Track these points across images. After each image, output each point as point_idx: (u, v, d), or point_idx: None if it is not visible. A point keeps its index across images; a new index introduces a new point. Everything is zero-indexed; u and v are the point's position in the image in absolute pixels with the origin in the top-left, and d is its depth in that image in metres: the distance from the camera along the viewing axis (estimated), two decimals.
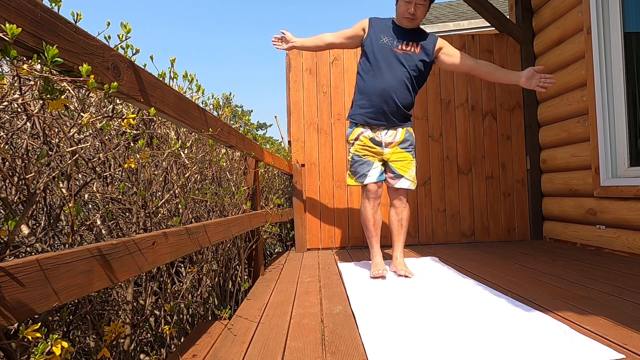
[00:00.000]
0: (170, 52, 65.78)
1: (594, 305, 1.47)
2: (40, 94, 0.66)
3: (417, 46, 2.13)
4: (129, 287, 1.30)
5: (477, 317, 1.36)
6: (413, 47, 2.12)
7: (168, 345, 1.55)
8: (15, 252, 1.04)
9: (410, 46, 2.12)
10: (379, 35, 2.13)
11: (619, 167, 2.55)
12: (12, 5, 0.59)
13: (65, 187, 1.14)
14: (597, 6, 2.58)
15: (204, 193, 1.79)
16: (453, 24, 7.24)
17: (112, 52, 0.83)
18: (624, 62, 2.52)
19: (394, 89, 2.07)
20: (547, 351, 1.07)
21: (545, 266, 2.22)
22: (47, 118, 1.07)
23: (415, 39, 2.14)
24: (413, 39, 2.13)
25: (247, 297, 1.87)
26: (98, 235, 1.38)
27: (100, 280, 0.78)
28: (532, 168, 3.35)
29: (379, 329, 1.30)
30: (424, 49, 2.12)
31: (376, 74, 2.10)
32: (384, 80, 2.08)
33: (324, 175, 3.35)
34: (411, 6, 2.01)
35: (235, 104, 4.50)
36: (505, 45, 3.42)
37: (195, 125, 1.32)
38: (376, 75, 2.10)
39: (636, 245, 2.39)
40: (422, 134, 3.38)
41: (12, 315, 0.57)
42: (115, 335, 1.04)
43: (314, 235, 3.32)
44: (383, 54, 2.10)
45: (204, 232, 1.35)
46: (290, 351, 1.18)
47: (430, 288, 1.78)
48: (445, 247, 3.10)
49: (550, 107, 3.17)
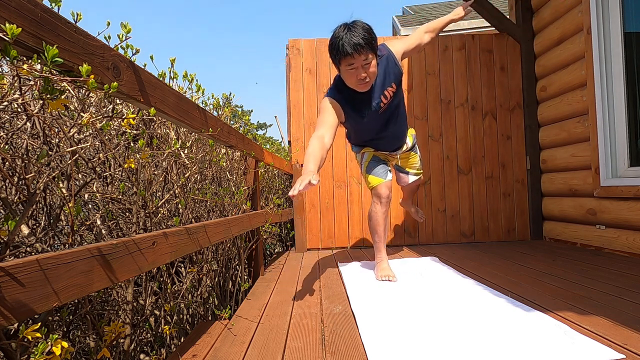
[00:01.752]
0: (169, 49, 65.78)
1: (594, 305, 1.47)
2: (40, 94, 0.66)
3: (390, 85, 1.89)
4: (129, 287, 1.30)
5: (477, 317, 1.36)
6: (388, 92, 1.90)
7: (168, 345, 1.55)
8: (15, 252, 1.04)
9: (387, 93, 1.90)
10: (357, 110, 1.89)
11: (619, 167, 2.55)
12: (12, 5, 0.59)
13: (65, 187, 1.14)
14: (597, 6, 2.58)
15: (204, 193, 1.79)
16: (453, 24, 7.23)
17: (112, 52, 0.83)
18: (624, 62, 2.52)
19: (393, 134, 2.09)
20: (547, 351, 1.07)
21: (545, 266, 2.22)
22: (47, 118, 1.07)
23: (382, 83, 1.87)
24: (383, 86, 1.88)
25: (247, 297, 1.87)
26: (98, 235, 1.38)
27: (100, 280, 0.78)
28: (532, 168, 3.35)
29: (379, 329, 1.30)
30: (394, 76, 1.90)
31: (371, 134, 2.06)
32: (381, 135, 2.07)
33: (324, 175, 3.35)
34: (359, 71, 1.70)
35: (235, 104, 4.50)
36: (505, 45, 3.42)
37: (195, 125, 1.32)
38: (371, 135, 2.07)
39: (636, 245, 2.39)
40: (422, 134, 3.38)
41: (12, 315, 0.57)
42: (115, 335, 1.04)
43: (314, 235, 3.32)
44: (371, 122, 1.96)
45: (204, 232, 1.36)
46: (290, 351, 1.18)
47: (430, 288, 1.78)
48: (445, 247, 3.10)
49: (550, 107, 3.17)
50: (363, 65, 1.69)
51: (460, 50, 3.41)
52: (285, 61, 3.43)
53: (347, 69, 1.72)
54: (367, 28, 1.68)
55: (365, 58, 1.68)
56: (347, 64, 1.69)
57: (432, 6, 10.15)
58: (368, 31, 1.68)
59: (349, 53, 1.64)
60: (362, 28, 1.67)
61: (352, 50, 1.64)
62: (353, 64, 1.69)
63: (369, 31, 1.68)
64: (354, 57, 1.66)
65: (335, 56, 1.71)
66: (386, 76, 1.87)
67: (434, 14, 8.60)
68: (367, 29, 1.68)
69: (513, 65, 3.42)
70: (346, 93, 1.85)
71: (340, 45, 1.66)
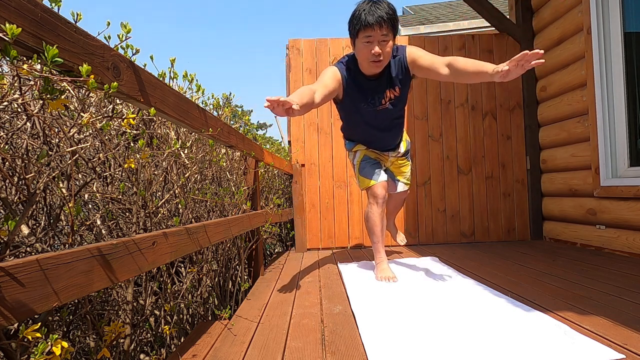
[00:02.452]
0: (169, 48, 65.73)
1: (594, 305, 1.47)
2: (40, 94, 0.66)
3: (394, 88, 1.87)
4: (129, 287, 1.30)
5: (477, 317, 1.36)
6: (392, 93, 1.88)
7: (168, 345, 1.55)
8: (15, 252, 1.04)
9: (389, 93, 1.88)
10: (356, 97, 1.89)
11: (619, 167, 2.55)
12: (12, 5, 0.59)
13: (65, 187, 1.14)
14: (597, 6, 2.58)
15: (204, 193, 1.79)
16: (453, 24, 7.24)
17: (112, 52, 0.83)
18: (624, 62, 2.52)
19: (386, 136, 2.08)
20: (547, 351, 1.07)
21: (545, 266, 2.22)
22: (47, 118, 1.07)
23: (389, 81, 1.85)
24: (388, 84, 1.86)
25: (247, 297, 1.87)
26: (98, 235, 1.38)
27: (100, 280, 0.78)
28: (532, 168, 3.35)
29: (379, 329, 1.30)
30: (401, 80, 1.87)
31: (364, 129, 2.04)
32: (374, 134, 2.05)
33: (324, 175, 3.35)
34: (374, 45, 1.69)
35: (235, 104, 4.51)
36: (505, 45, 3.42)
37: (195, 125, 1.32)
38: (364, 129, 2.05)
39: (636, 245, 2.39)
40: (422, 134, 3.38)
41: (12, 315, 0.57)
42: (115, 335, 1.04)
43: (314, 235, 3.32)
44: (366, 116, 1.95)
45: (204, 232, 1.36)
46: (290, 351, 1.18)
47: (430, 288, 1.78)
48: (445, 247, 3.10)
49: (550, 107, 3.17)
50: (380, 40, 1.68)
51: (460, 50, 3.41)
52: (285, 61, 3.43)
53: (363, 42, 1.70)
54: (392, 7, 1.70)
55: (385, 34, 1.67)
56: (365, 35, 1.69)
57: (432, 6, 10.15)
58: (392, 10, 1.70)
59: (370, 24, 1.65)
60: (387, 5, 1.70)
61: (374, 21, 1.64)
62: (371, 37, 1.68)
63: (394, 10, 1.71)
64: (374, 29, 1.66)
65: (355, 26, 1.71)
66: (394, 78, 1.86)
67: (434, 14, 8.59)
68: (392, 7, 1.70)
69: None
70: (353, 75, 1.84)
71: (362, 15, 1.67)
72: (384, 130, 2.05)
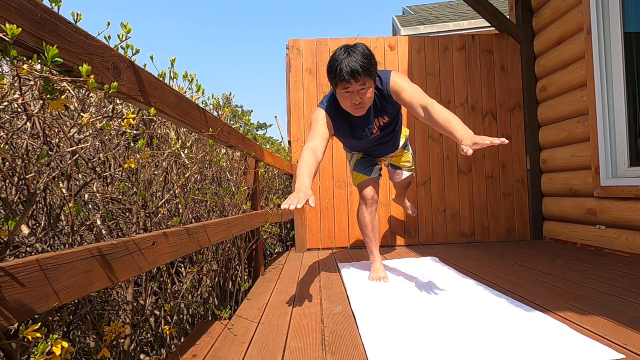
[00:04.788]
0: (168, 47, 65.75)
1: (594, 305, 1.47)
2: (40, 94, 0.66)
3: (383, 116, 1.89)
4: (129, 287, 1.30)
5: (477, 317, 1.36)
6: (381, 120, 1.90)
7: (168, 345, 1.55)
8: (15, 252, 1.04)
9: (378, 122, 1.90)
10: (347, 131, 1.91)
11: (619, 167, 2.55)
12: (12, 5, 0.59)
13: (65, 187, 1.14)
14: (597, 6, 2.58)
15: (204, 193, 1.79)
16: (453, 24, 7.24)
17: (112, 52, 0.83)
18: (624, 62, 2.51)
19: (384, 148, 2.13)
20: (548, 351, 1.07)
21: (545, 266, 2.22)
22: (47, 118, 1.07)
23: (376, 112, 1.87)
24: (376, 114, 1.87)
25: (247, 297, 1.87)
26: (98, 235, 1.38)
27: (100, 280, 0.78)
28: (532, 168, 3.35)
29: (379, 329, 1.30)
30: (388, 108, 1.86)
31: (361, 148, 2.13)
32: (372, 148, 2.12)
33: (324, 175, 3.35)
34: (354, 96, 1.67)
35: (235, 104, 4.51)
36: (505, 45, 3.42)
37: (195, 125, 1.32)
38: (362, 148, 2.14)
39: (636, 245, 2.39)
40: (422, 134, 3.38)
41: (12, 315, 0.57)
42: (115, 335, 1.04)
43: (314, 235, 3.32)
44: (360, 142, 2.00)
45: (204, 232, 1.36)
46: (290, 351, 1.18)
47: (430, 288, 1.78)
48: (445, 247, 3.10)
49: (550, 107, 3.17)
50: (359, 90, 1.66)
51: (460, 50, 3.41)
52: (285, 61, 3.43)
53: (342, 92, 1.69)
54: (367, 54, 1.64)
55: (363, 84, 1.65)
56: (343, 88, 1.67)
57: (432, 6, 10.15)
58: (368, 57, 1.63)
59: (346, 79, 1.62)
60: (362, 54, 1.63)
61: (349, 76, 1.61)
62: (349, 88, 1.66)
63: (369, 57, 1.64)
64: (350, 83, 1.64)
65: (332, 79, 1.69)
66: (382, 108, 1.86)
67: (434, 14, 8.59)
68: (366, 55, 1.63)
69: (513, 65, 3.42)
70: (341, 113, 1.84)
71: (337, 70, 1.63)
72: (381, 145, 2.11)
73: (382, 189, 3.28)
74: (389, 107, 1.86)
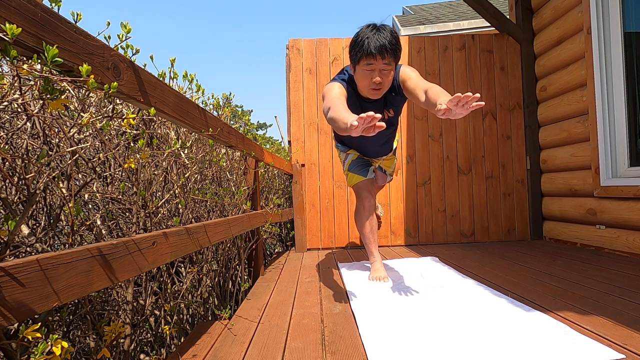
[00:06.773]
0: (167, 47, 65.78)
1: (594, 305, 1.47)
2: (40, 94, 0.66)
3: (389, 110, 1.87)
4: (129, 287, 1.30)
5: (478, 317, 1.36)
6: (387, 114, 1.88)
7: (168, 345, 1.55)
8: (15, 252, 1.04)
9: (385, 114, 1.88)
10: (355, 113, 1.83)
11: (619, 167, 2.55)
12: (12, 5, 0.59)
13: (65, 187, 1.14)
14: (597, 6, 2.58)
15: (204, 193, 1.79)
16: (453, 24, 7.24)
17: (112, 52, 0.83)
18: (624, 62, 2.51)
19: (380, 148, 2.13)
20: (548, 351, 1.07)
21: (545, 266, 2.22)
22: (47, 118, 1.07)
23: (385, 103, 1.84)
24: (385, 106, 1.85)
25: (247, 297, 1.87)
26: (98, 235, 1.38)
27: (100, 280, 0.78)
28: (532, 168, 3.35)
29: (379, 329, 1.30)
30: (395, 100, 1.84)
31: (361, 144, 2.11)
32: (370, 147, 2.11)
33: (324, 175, 3.35)
34: (375, 74, 1.64)
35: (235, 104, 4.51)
36: (505, 45, 3.42)
37: (195, 125, 1.32)
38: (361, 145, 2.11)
39: (636, 245, 2.38)
40: (422, 134, 3.38)
41: (12, 315, 0.57)
42: (115, 335, 1.04)
43: (314, 235, 3.32)
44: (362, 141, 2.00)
45: (204, 232, 1.35)
46: (290, 351, 1.18)
47: (430, 288, 1.78)
48: (445, 247, 3.10)
49: (550, 107, 3.17)
50: (381, 69, 1.63)
51: (460, 50, 3.41)
52: (285, 61, 3.43)
53: (364, 69, 1.65)
54: (395, 34, 1.63)
55: (387, 63, 1.62)
56: (367, 63, 1.63)
57: (432, 6, 10.15)
58: (396, 38, 1.62)
59: (372, 53, 1.59)
60: (391, 32, 1.62)
61: (377, 51, 1.58)
62: (373, 65, 1.63)
63: (397, 38, 1.63)
64: (376, 58, 1.60)
65: (357, 52, 1.64)
66: (392, 99, 1.84)
67: (434, 14, 8.59)
68: (395, 35, 1.62)
69: (513, 65, 3.42)
70: (353, 95, 1.80)
71: (365, 43, 1.59)
72: (379, 145, 2.11)
73: (382, 189, 3.28)
74: (396, 100, 1.84)
